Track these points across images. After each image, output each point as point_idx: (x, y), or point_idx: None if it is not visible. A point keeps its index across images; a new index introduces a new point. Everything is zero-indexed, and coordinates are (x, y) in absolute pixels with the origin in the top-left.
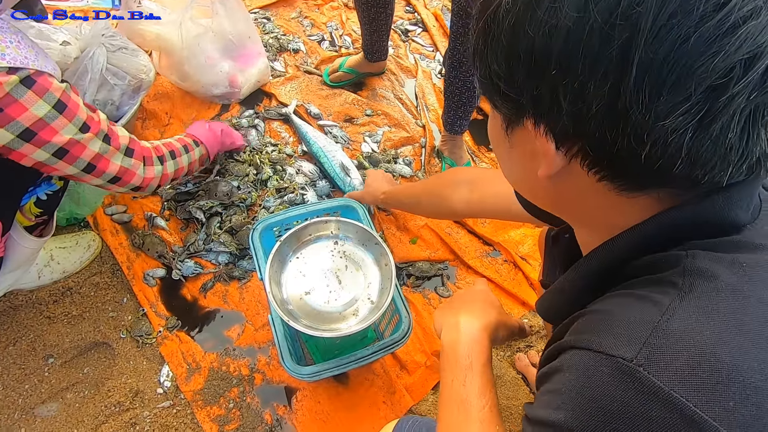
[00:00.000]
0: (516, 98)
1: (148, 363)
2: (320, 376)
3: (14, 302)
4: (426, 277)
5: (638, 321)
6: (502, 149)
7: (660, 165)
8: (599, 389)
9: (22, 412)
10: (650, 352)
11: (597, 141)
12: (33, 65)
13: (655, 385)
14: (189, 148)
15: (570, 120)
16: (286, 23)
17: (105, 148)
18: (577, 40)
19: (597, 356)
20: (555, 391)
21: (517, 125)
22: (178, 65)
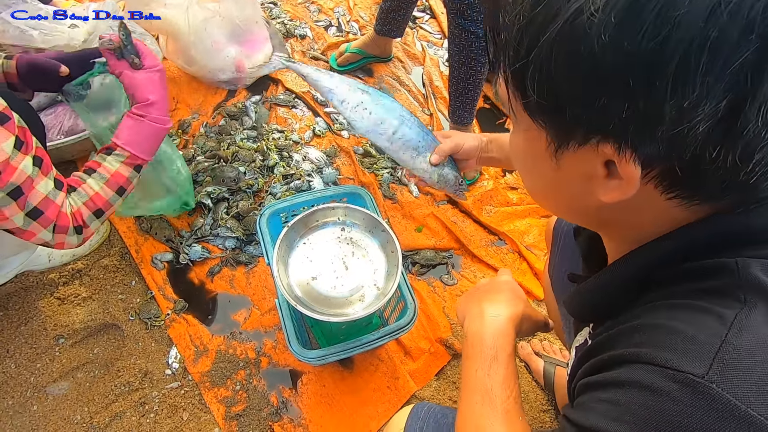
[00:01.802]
0: (592, 122)
1: (156, 345)
2: (326, 360)
3: (25, 283)
4: (431, 266)
5: (704, 335)
6: (540, 169)
7: (756, 179)
8: (668, 406)
9: (34, 389)
10: (722, 367)
11: (691, 161)
12: None
13: (730, 402)
14: (125, 189)
15: (667, 143)
16: (293, 8)
17: (6, 202)
18: (699, 52)
19: (664, 372)
20: (613, 401)
21: (575, 147)
22: (185, 50)
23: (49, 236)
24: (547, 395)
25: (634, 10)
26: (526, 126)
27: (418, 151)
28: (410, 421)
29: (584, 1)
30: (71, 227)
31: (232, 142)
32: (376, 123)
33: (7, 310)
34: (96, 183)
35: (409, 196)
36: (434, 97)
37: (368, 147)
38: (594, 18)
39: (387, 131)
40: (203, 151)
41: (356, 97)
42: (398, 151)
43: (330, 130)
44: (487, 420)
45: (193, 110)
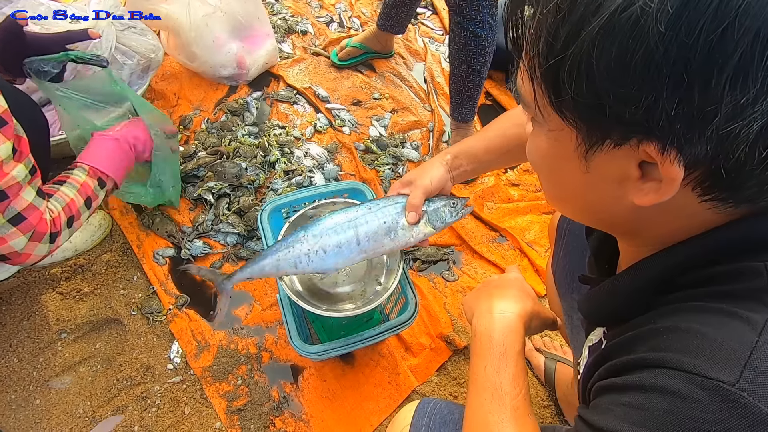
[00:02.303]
0: (636, 121)
1: (158, 340)
2: (327, 354)
3: (27, 278)
4: (432, 262)
5: (733, 341)
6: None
7: None
8: (696, 413)
9: (37, 384)
10: (753, 376)
11: (739, 162)
12: None
13: (762, 411)
14: (92, 200)
15: (716, 142)
16: (294, 4)
17: None
18: (764, 44)
19: (691, 377)
20: (636, 406)
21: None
22: (186, 45)
23: (22, 244)
24: (548, 391)
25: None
26: (553, 126)
27: (393, 229)
28: (417, 417)
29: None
30: (47, 234)
31: (234, 138)
32: (338, 252)
33: (10, 305)
34: (69, 190)
35: None
36: (436, 93)
37: (369, 143)
38: (648, 8)
39: (352, 247)
40: (204, 146)
41: (299, 250)
42: (378, 248)
43: (331, 126)
44: (496, 417)
45: (194, 106)
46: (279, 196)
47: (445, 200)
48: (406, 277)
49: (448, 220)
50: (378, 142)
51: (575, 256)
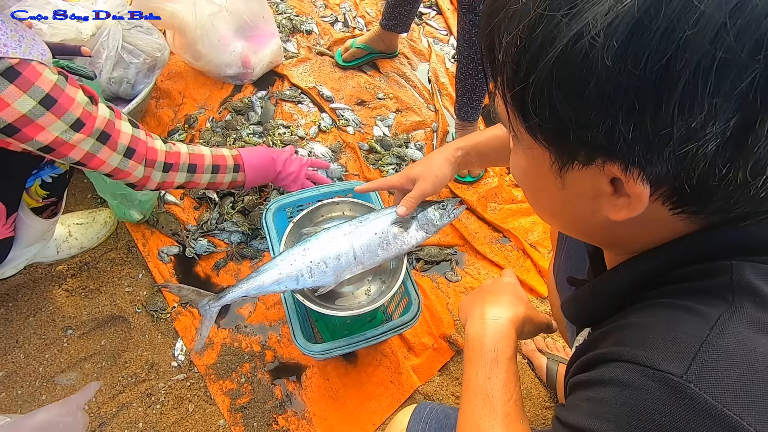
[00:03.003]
0: (597, 144)
1: (162, 337)
2: (330, 353)
3: (34, 275)
4: (435, 262)
5: (686, 335)
6: (544, 188)
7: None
8: (647, 404)
9: (42, 379)
10: (701, 367)
11: (700, 179)
12: (14, 53)
13: (707, 402)
14: (220, 170)
15: (675, 162)
16: (299, 3)
17: (98, 148)
18: (706, 74)
19: (644, 370)
20: (597, 400)
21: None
22: (192, 44)
23: (141, 171)
24: (550, 392)
25: (637, 32)
26: (528, 145)
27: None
28: (413, 422)
29: (584, 25)
30: (162, 162)
31: (238, 137)
32: (337, 265)
33: (17, 301)
34: (207, 149)
35: None
36: (440, 93)
37: (373, 143)
38: (595, 42)
39: (350, 260)
40: (209, 145)
41: (301, 264)
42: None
43: (335, 125)
44: (488, 423)
45: (199, 105)
46: (283, 196)
47: (435, 203)
48: (410, 277)
49: (439, 224)
50: (382, 142)
51: (576, 259)
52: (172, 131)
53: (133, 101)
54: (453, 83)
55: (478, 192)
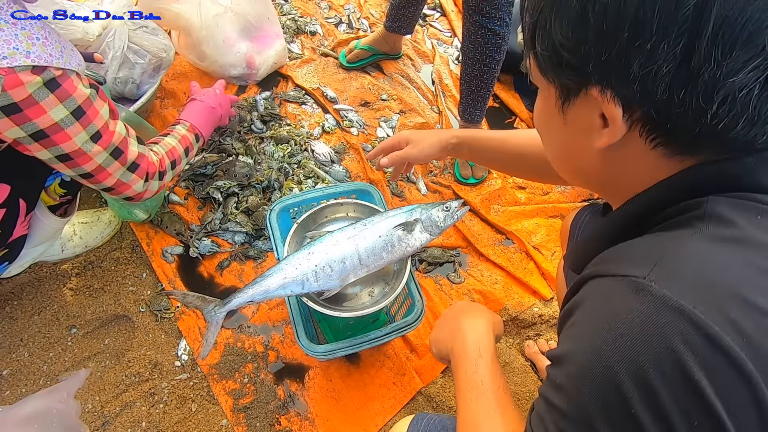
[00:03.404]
0: (581, 67)
1: (166, 336)
2: (334, 354)
3: (39, 274)
4: (438, 263)
5: (650, 249)
6: (554, 127)
7: (723, 124)
8: (615, 305)
9: (47, 378)
10: (661, 270)
11: (664, 104)
12: (57, 63)
13: (665, 295)
14: (190, 149)
15: (639, 84)
16: (303, 5)
17: (109, 162)
18: (653, 1)
19: (612, 279)
20: (574, 324)
21: (575, 98)
22: (197, 45)
23: (141, 186)
24: None
25: None
26: (542, 86)
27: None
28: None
29: None
30: (157, 173)
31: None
32: (342, 268)
33: (21, 300)
34: (172, 140)
35: (417, 193)
36: (443, 95)
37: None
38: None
39: (355, 263)
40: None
41: (306, 267)
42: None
43: (339, 126)
44: (483, 411)
45: None
46: (287, 197)
47: (438, 205)
48: (413, 279)
49: (443, 225)
50: None
51: None
52: None
53: (138, 101)
54: (457, 85)
55: (481, 194)
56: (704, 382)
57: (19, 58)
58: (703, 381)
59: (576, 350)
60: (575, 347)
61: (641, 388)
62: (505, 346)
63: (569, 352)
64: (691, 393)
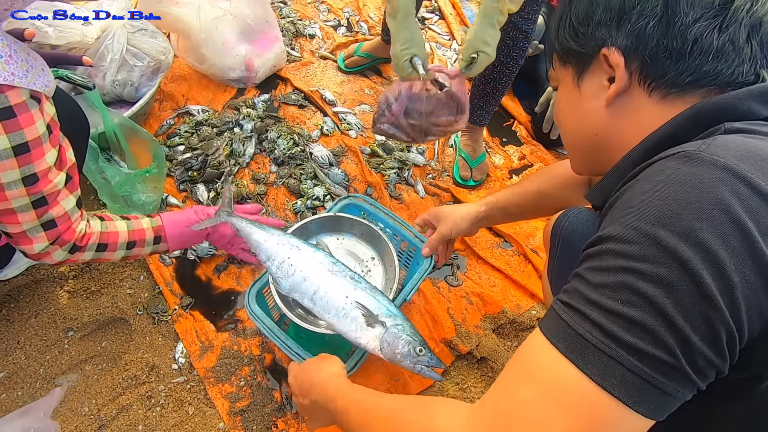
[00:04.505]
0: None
1: (163, 339)
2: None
3: (36, 276)
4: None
5: (694, 144)
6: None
7: (697, 61)
8: (676, 174)
9: (43, 381)
10: (707, 146)
11: (654, 51)
12: (19, 82)
13: (714, 158)
14: (137, 245)
15: (635, 36)
16: (302, 8)
17: (25, 209)
18: None
19: (663, 160)
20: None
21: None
22: (196, 48)
23: (42, 247)
24: None
25: None
26: (563, 80)
27: (346, 314)
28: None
29: None
30: (71, 243)
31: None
32: (301, 281)
33: (18, 302)
34: (122, 225)
35: (415, 197)
36: None
37: (375, 147)
38: None
39: (309, 290)
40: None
41: (283, 253)
42: (321, 312)
43: (338, 129)
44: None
45: (202, 108)
46: (257, 279)
47: (417, 343)
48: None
49: (397, 357)
50: (384, 146)
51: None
52: (172, 135)
53: (136, 104)
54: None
55: (479, 196)
56: (749, 224)
57: None
58: (748, 223)
59: (633, 212)
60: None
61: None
62: (503, 349)
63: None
64: (738, 234)
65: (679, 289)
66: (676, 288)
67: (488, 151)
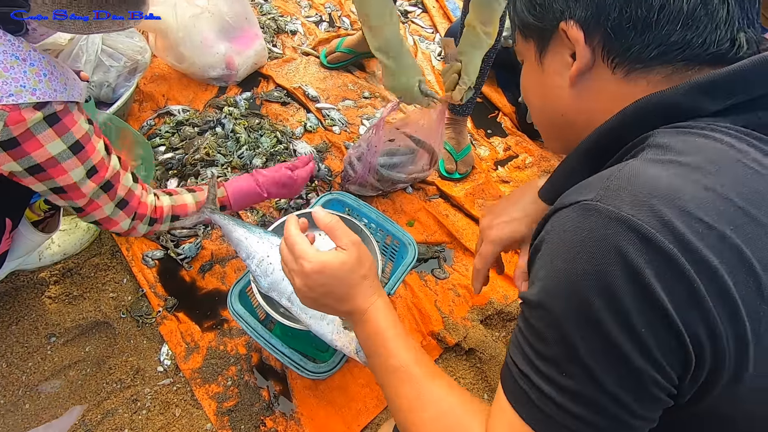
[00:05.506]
0: (549, 5)
1: (148, 342)
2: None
3: (16, 283)
4: (423, 259)
5: (602, 176)
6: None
7: (665, 30)
8: (570, 228)
9: (26, 388)
10: (605, 192)
11: (616, 22)
12: (61, 97)
13: (609, 210)
14: None
15: (594, 6)
16: (283, 4)
17: (99, 195)
18: None
19: (569, 208)
20: (539, 258)
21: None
22: (174, 47)
23: (128, 224)
24: None
25: None
26: (524, 50)
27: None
28: None
29: None
30: (147, 217)
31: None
32: (279, 280)
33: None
34: (190, 198)
35: (400, 191)
36: None
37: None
38: None
39: (287, 289)
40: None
41: (263, 251)
42: (299, 312)
43: (321, 125)
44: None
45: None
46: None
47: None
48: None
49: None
50: None
51: None
52: (152, 135)
53: (113, 105)
54: (439, 81)
55: (465, 188)
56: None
57: (25, 95)
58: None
59: (545, 277)
60: (544, 275)
61: (603, 292)
62: (491, 339)
63: (539, 280)
64: (640, 291)
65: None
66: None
67: (473, 143)
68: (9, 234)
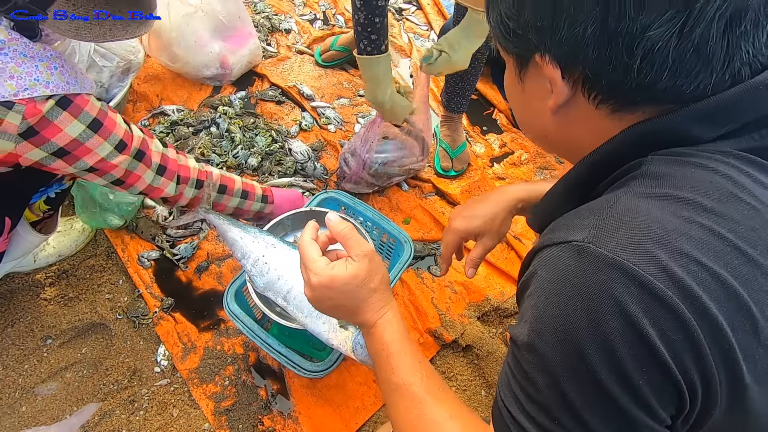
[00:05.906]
0: (523, 34)
1: (144, 343)
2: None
3: (11, 285)
4: (419, 257)
5: (589, 212)
6: (517, 96)
7: (649, 78)
8: (562, 270)
9: (22, 391)
10: (597, 231)
11: (595, 62)
12: (73, 89)
13: (602, 254)
14: (249, 196)
15: (571, 45)
16: (277, 2)
17: (135, 165)
18: None
19: (558, 247)
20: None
21: (527, 66)
22: (168, 46)
23: (173, 189)
24: None
25: None
26: (506, 60)
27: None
28: None
29: None
30: (194, 179)
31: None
32: (275, 280)
33: None
34: (238, 177)
35: (396, 189)
36: None
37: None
38: None
39: (282, 289)
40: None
41: (258, 251)
42: (295, 311)
43: (316, 124)
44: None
45: (178, 108)
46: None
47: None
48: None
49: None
50: None
51: None
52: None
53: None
54: (434, 78)
55: (461, 185)
56: (648, 328)
57: (39, 88)
58: (644, 324)
59: (535, 319)
60: (533, 317)
61: (598, 343)
62: (488, 336)
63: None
64: (637, 342)
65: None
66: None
67: (469, 140)
68: (7, 234)
